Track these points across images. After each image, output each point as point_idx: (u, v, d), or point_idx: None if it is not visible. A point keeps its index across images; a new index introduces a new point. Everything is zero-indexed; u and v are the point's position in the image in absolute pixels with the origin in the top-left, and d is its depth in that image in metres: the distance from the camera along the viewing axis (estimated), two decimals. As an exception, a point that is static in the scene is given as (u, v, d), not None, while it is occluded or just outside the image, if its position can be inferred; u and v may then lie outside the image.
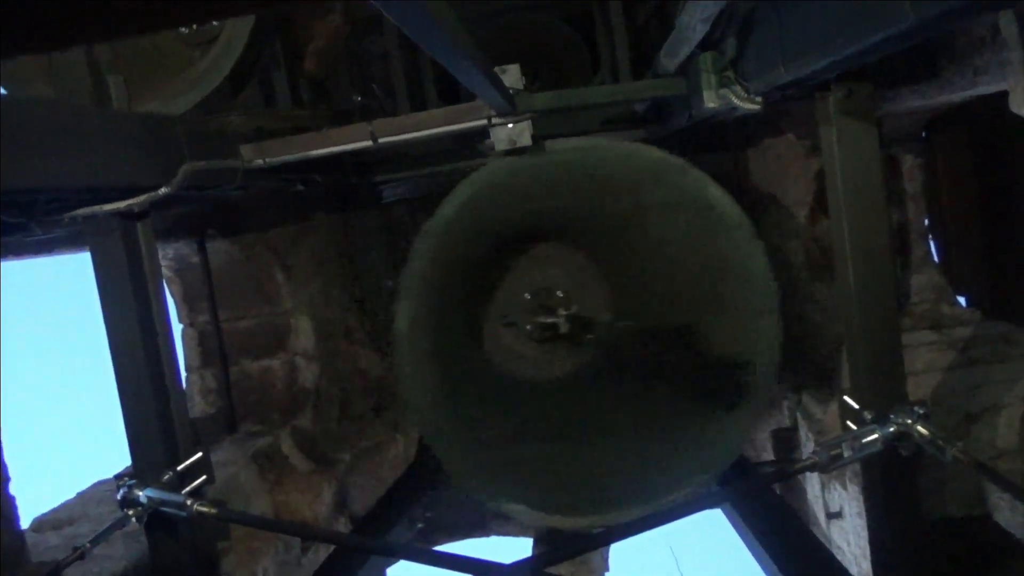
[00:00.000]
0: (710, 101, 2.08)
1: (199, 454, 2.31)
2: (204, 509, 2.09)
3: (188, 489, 2.21)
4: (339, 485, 3.81)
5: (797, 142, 3.51)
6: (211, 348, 3.96)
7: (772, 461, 3.33)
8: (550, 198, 2.63)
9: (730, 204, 2.39)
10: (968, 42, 2.35)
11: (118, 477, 2.22)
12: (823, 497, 3.01)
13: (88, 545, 2.10)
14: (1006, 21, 2.08)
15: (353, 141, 2.39)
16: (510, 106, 2.21)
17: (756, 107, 2.01)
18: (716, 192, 2.38)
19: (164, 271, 4.02)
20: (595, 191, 2.57)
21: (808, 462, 1.84)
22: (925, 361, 2.91)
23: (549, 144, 2.36)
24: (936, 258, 3.60)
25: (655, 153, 2.32)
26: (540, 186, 2.54)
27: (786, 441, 3.40)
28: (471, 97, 2.29)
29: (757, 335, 2.37)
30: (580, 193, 2.61)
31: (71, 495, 3.04)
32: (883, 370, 1.96)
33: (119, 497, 2.17)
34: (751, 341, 2.46)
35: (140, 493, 2.15)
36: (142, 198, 2.12)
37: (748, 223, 2.37)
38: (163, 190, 2.12)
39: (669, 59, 2.15)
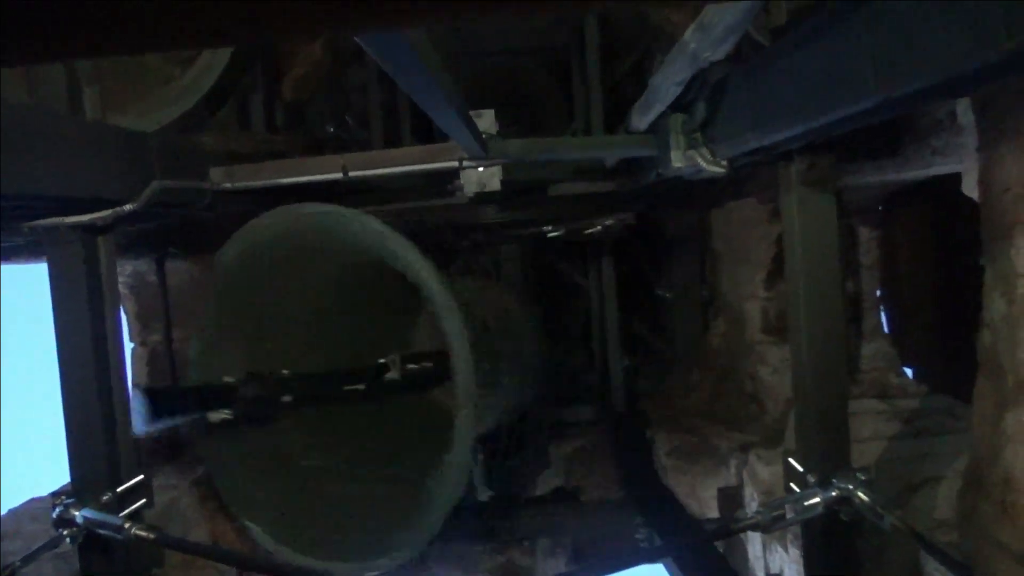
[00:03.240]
0: (677, 161, 2.13)
1: (140, 476, 2.27)
2: (141, 533, 2.05)
3: (126, 512, 2.16)
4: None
5: (761, 206, 3.60)
6: (161, 369, 3.90)
7: (716, 519, 3.35)
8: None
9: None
10: (928, 124, 2.44)
11: (55, 495, 2.17)
12: (764, 558, 3.03)
13: (18, 563, 2.04)
14: (963, 107, 2.17)
15: (324, 172, 2.40)
16: (482, 150, 2.23)
17: (721, 170, 2.06)
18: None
19: (120, 288, 3.96)
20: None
21: (750, 521, 1.87)
22: (871, 429, 2.96)
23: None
24: (887, 329, 3.68)
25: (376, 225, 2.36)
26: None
27: (731, 499, 3.42)
28: (445, 137, 2.32)
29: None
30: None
31: (3, 511, 2.95)
32: (829, 435, 1.99)
33: (54, 516, 2.12)
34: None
35: (77, 513, 2.10)
36: (107, 213, 2.10)
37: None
38: (129, 206, 2.10)
39: (640, 117, 2.20)
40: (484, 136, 2.29)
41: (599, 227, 3.40)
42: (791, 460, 2.06)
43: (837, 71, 1.53)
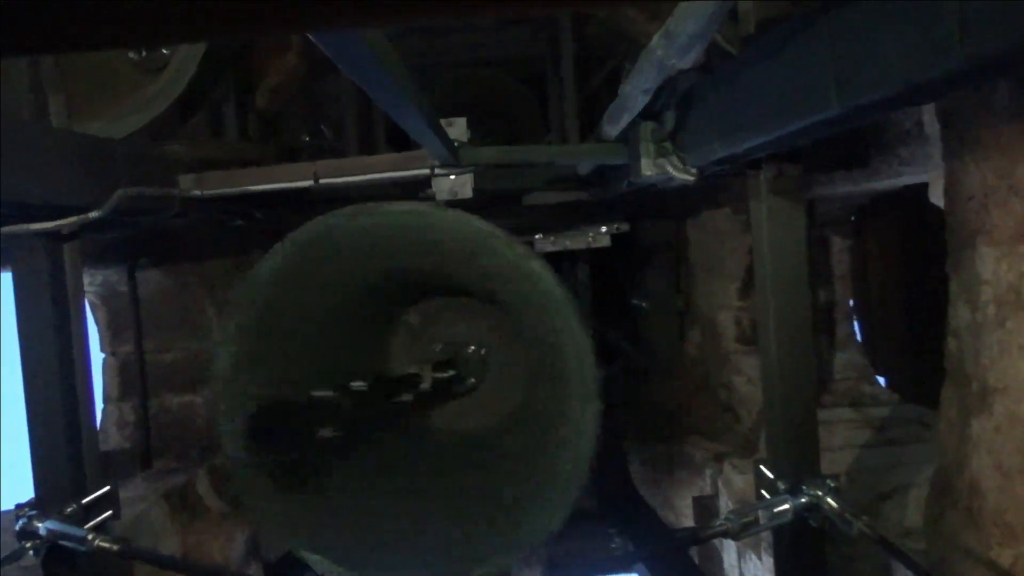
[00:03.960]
0: (647, 169, 2.13)
1: (107, 488, 2.24)
2: (106, 545, 2.02)
3: (92, 524, 2.13)
4: (253, 530, 3.70)
5: (734, 217, 3.62)
6: (132, 379, 3.86)
7: (690, 528, 3.35)
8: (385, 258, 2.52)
9: (554, 282, 2.26)
10: (895, 134, 2.47)
11: (19, 507, 2.13)
12: (739, 567, 3.03)
13: (-21, 575, 2.01)
14: (929, 117, 2.19)
15: (295, 180, 2.38)
16: (453, 158, 2.23)
17: (691, 178, 2.07)
18: (538, 266, 2.25)
19: (90, 297, 3.92)
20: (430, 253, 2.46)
21: (720, 528, 1.86)
22: (843, 437, 2.98)
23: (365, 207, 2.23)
24: (860, 338, 3.71)
25: (480, 223, 2.20)
26: (368, 247, 2.43)
27: (707, 508, 3.42)
28: (419, 145, 2.31)
29: (580, 420, 2.33)
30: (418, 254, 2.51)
31: (-33, 522, 2.90)
32: (799, 442, 2.00)
33: (17, 528, 2.08)
34: (573, 426, 2.43)
35: (40, 525, 2.07)
36: (71, 220, 2.07)
37: (571, 303, 2.27)
38: (93, 214, 2.08)
39: (611, 126, 2.21)
40: (455, 144, 2.29)
41: (591, 236, 3.38)
42: (762, 467, 2.06)
43: (801, 81, 1.54)
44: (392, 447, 2.82)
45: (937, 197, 2.12)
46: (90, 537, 1.99)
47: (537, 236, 3.43)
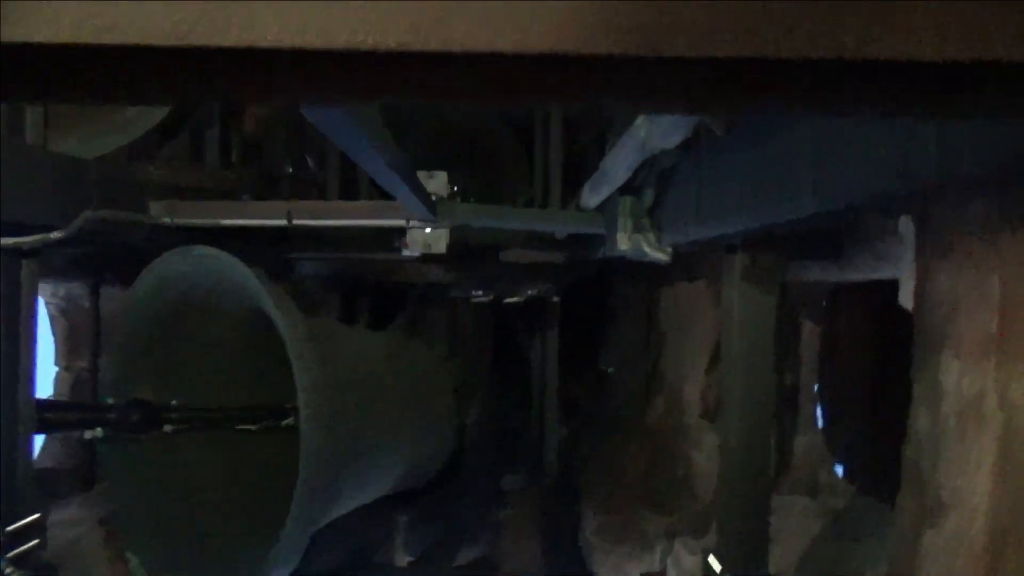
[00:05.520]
0: (623, 244, 2.12)
1: (36, 515, 2.15)
2: (23, 577, 1.94)
3: (14, 553, 2.04)
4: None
5: (707, 289, 3.61)
6: (83, 396, 3.76)
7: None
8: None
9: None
10: (873, 227, 2.48)
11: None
12: (683, 649, 2.97)
13: None
14: (905, 218, 2.20)
15: (268, 217, 2.35)
16: (430, 212, 2.21)
17: (665, 258, 2.06)
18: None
19: (51, 309, 3.84)
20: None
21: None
22: (797, 525, 2.94)
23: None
24: (822, 423, 3.69)
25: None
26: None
27: (655, 584, 3.36)
28: (397, 193, 2.29)
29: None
30: None
31: None
32: (750, 537, 1.97)
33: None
34: None
35: (-39, 551, 1.99)
36: (33, 239, 2.03)
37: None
38: (56, 234, 2.04)
39: (591, 195, 2.20)
40: (434, 198, 2.27)
41: (533, 292, 3.39)
42: (711, 558, 2.02)
43: (779, 175, 1.54)
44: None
45: (907, 299, 2.12)
46: (9, 570, 1.90)
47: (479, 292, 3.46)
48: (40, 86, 0.61)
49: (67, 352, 3.87)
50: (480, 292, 3.50)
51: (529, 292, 3.39)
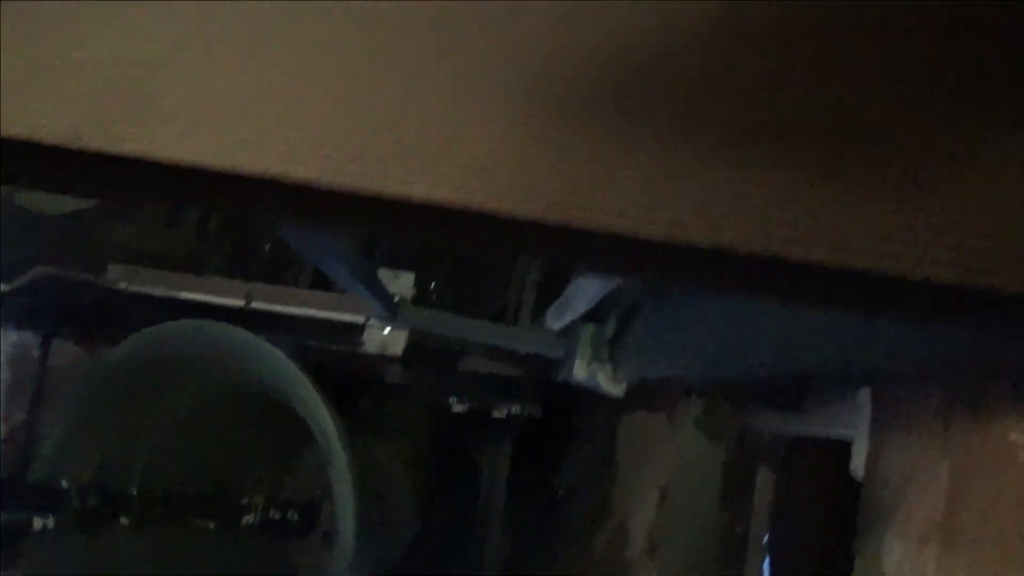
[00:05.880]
0: (579, 372, 2.09)
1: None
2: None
3: None
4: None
5: (666, 422, 3.56)
6: (11, 451, 3.61)
7: None
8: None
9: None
10: (831, 391, 2.46)
11: None
12: None
13: None
14: (864, 388, 2.19)
15: (226, 297, 2.31)
16: (391, 314, 2.18)
17: (618, 393, 2.03)
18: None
19: (2, 357, 3.73)
20: None
21: None
22: None
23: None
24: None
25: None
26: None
27: None
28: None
29: None
30: None
31: None
32: None
33: None
34: None
35: None
36: (-21, 288, 1.98)
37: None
38: (4, 286, 1.99)
39: (554, 319, 2.18)
40: (396, 299, 2.24)
41: (505, 412, 3.33)
42: None
43: (740, 330, 1.53)
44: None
45: (858, 467, 2.09)
46: None
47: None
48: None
49: (7, 404, 3.74)
50: (436, 397, 3.44)
51: (486, 403, 3.32)
